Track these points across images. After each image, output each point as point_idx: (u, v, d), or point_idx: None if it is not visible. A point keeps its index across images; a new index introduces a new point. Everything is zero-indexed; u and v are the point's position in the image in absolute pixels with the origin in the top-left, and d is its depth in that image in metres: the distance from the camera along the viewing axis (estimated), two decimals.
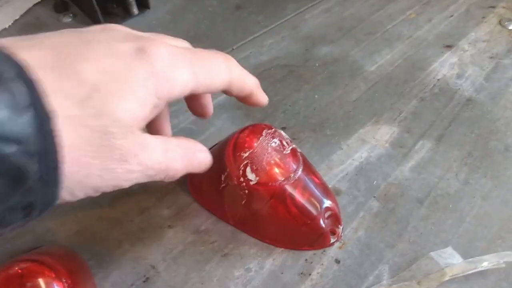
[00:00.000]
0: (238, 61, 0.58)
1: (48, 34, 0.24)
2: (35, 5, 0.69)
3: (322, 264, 0.38)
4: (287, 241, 0.39)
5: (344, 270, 0.38)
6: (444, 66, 0.56)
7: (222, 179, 0.38)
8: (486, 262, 0.37)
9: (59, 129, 0.20)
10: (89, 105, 0.22)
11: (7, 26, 0.65)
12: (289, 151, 0.38)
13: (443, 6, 0.67)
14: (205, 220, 0.41)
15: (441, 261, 0.37)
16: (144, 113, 0.25)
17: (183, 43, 0.32)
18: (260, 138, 0.38)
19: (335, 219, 0.40)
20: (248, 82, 0.33)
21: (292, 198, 0.37)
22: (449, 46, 0.59)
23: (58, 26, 0.65)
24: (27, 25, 0.66)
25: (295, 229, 0.39)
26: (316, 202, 0.39)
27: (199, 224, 0.41)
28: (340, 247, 0.39)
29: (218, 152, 0.40)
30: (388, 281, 0.37)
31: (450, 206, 0.42)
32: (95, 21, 0.63)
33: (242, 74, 0.33)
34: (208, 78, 0.29)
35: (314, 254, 0.39)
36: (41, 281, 0.31)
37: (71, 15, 0.66)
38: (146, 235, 0.40)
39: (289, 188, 0.37)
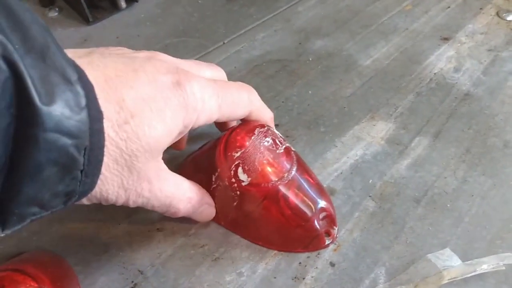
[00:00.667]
0: (230, 56, 0.57)
1: (101, 53, 0.27)
2: None
3: (316, 267, 0.37)
4: (280, 244, 0.38)
5: (339, 274, 0.36)
6: (441, 60, 0.55)
7: (213, 179, 0.37)
8: (486, 265, 0.36)
9: (105, 130, 0.24)
10: (124, 129, 0.25)
11: None
12: (282, 150, 0.37)
13: None
14: (195, 223, 0.39)
15: (439, 263, 0.36)
16: (169, 140, 0.29)
17: (218, 73, 0.38)
18: (252, 137, 0.36)
19: (330, 220, 0.38)
20: (265, 115, 0.38)
21: (286, 199, 0.36)
22: (446, 39, 0.58)
23: (44, 20, 0.63)
24: None
25: (288, 231, 0.37)
26: (310, 203, 0.37)
27: (189, 227, 0.39)
28: (335, 250, 0.38)
29: (208, 151, 0.39)
30: (384, 285, 0.35)
31: (448, 205, 0.41)
32: (82, 15, 0.61)
33: (262, 106, 0.37)
34: (231, 109, 0.33)
35: (308, 257, 0.37)
36: None
37: (57, 9, 0.64)
38: (134, 239, 0.39)
39: (282, 189, 0.36)
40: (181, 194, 0.33)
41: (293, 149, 0.38)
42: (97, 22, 0.62)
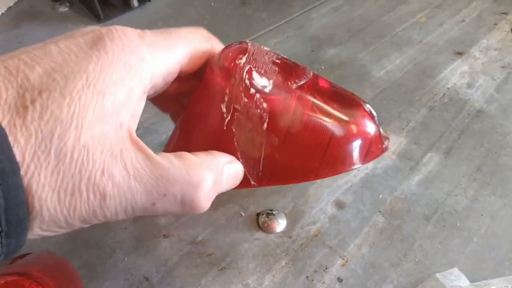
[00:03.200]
0: None
1: (13, 53, 0.22)
2: None
3: (323, 282, 0.36)
4: (335, 161, 0.29)
5: None
6: (455, 74, 0.55)
7: (224, 110, 0.27)
8: (494, 287, 0.36)
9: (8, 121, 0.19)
10: (31, 108, 0.19)
11: (0, 13, 0.62)
12: (285, 56, 0.30)
13: (455, 10, 0.65)
14: (202, 230, 0.39)
15: (447, 283, 0.36)
16: (113, 108, 0.22)
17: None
18: (249, 44, 0.29)
19: (372, 117, 0.30)
20: None
21: (323, 92, 0.28)
22: (460, 53, 0.58)
23: (53, 15, 0.63)
24: (22, 13, 0.63)
25: (342, 138, 0.28)
26: (350, 94, 0.29)
27: (195, 234, 0.39)
28: (342, 265, 0.37)
29: (196, 96, 0.30)
30: None
31: (458, 224, 0.40)
32: (93, 12, 0.61)
33: (220, 43, 0.30)
34: (187, 47, 0.26)
35: (316, 271, 0.37)
36: None
37: (67, 4, 0.64)
38: (140, 244, 0.38)
39: (313, 83, 0.28)
40: (176, 167, 0.24)
41: None
42: (108, 20, 0.61)
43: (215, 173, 0.25)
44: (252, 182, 0.29)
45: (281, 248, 0.38)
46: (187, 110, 0.31)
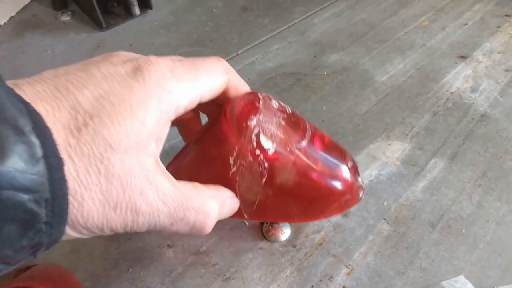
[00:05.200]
0: (244, 67, 0.56)
1: (55, 71, 0.24)
2: (32, 1, 0.66)
3: None
4: (317, 211, 0.35)
5: None
6: (458, 79, 0.54)
7: (231, 162, 0.31)
8: None
9: (66, 174, 0.21)
10: (85, 132, 0.22)
11: (2, 23, 0.62)
12: (290, 110, 0.34)
13: (457, 13, 0.65)
14: (206, 240, 0.39)
15: None
16: (147, 134, 0.25)
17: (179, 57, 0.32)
18: (260, 102, 0.32)
19: (355, 170, 0.36)
20: (243, 82, 0.34)
21: (316, 157, 0.33)
22: (463, 57, 0.57)
23: (56, 24, 0.63)
24: (24, 22, 0.63)
25: (326, 192, 0.34)
26: (339, 155, 0.35)
27: (199, 244, 0.39)
28: (348, 274, 0.37)
29: (207, 141, 0.34)
30: None
31: (463, 231, 0.40)
32: (95, 20, 0.61)
33: (237, 75, 0.33)
34: (209, 81, 0.29)
35: (321, 280, 0.37)
36: None
37: (69, 13, 0.64)
38: (144, 255, 0.38)
39: (309, 146, 0.32)
40: (196, 198, 0.28)
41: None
42: (110, 28, 0.61)
43: (220, 205, 0.31)
44: (245, 216, 0.34)
45: (285, 257, 0.38)
46: (200, 145, 0.35)
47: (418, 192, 0.43)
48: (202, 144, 0.34)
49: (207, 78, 0.29)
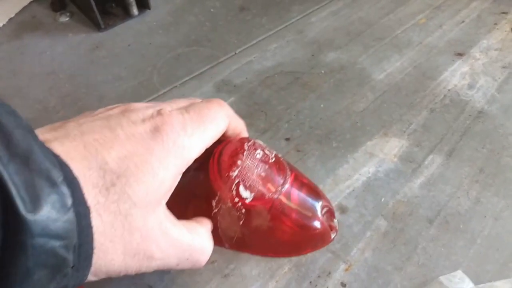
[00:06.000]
0: (242, 67, 0.57)
1: (76, 121, 0.27)
2: (31, 2, 0.67)
3: (327, 287, 0.36)
4: (290, 250, 0.39)
5: None
6: (455, 76, 0.54)
7: (213, 204, 0.36)
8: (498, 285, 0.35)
9: (93, 222, 0.23)
10: (112, 191, 0.24)
11: (1, 24, 0.63)
12: (274, 159, 0.37)
13: (454, 11, 0.65)
14: None
15: (451, 286, 0.36)
16: (165, 190, 0.28)
17: (187, 102, 0.34)
18: (244, 153, 0.36)
19: (330, 214, 0.40)
20: (240, 123, 0.37)
21: (290, 206, 0.37)
22: (460, 54, 0.57)
23: (54, 26, 0.63)
24: (23, 23, 0.63)
25: (297, 235, 0.38)
26: (312, 203, 0.38)
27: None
28: (346, 269, 0.37)
29: (198, 177, 0.38)
30: None
31: (461, 226, 0.40)
32: (94, 21, 0.61)
33: (235, 117, 0.36)
34: (214, 131, 0.32)
35: (319, 276, 0.37)
36: None
37: (68, 14, 0.64)
38: None
39: (285, 196, 0.36)
40: (197, 240, 0.32)
41: (280, 155, 0.39)
42: (109, 28, 0.62)
43: (211, 240, 0.34)
44: (226, 246, 0.38)
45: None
46: (190, 180, 0.38)
47: (416, 188, 0.43)
48: (192, 180, 0.38)
49: (212, 129, 0.32)
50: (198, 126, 0.30)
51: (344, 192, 0.43)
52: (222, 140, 0.36)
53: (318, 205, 0.38)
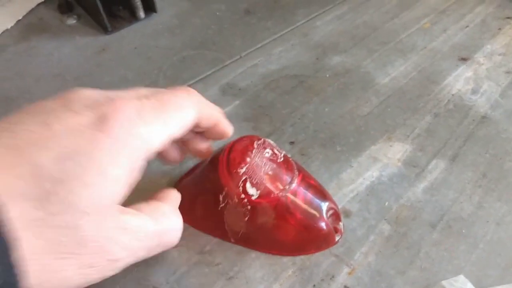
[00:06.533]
0: (246, 70, 0.57)
1: (6, 121, 0.22)
2: (38, 5, 0.67)
3: None
4: (294, 249, 0.39)
5: None
6: (459, 81, 0.55)
7: (221, 199, 0.37)
8: None
9: (24, 245, 0.19)
10: (54, 201, 0.20)
11: (9, 27, 0.63)
12: (282, 159, 0.38)
13: (459, 16, 0.66)
14: (210, 240, 0.40)
15: None
16: (120, 189, 0.23)
17: (150, 90, 0.29)
18: (253, 151, 0.37)
19: (335, 217, 0.40)
20: (215, 112, 0.33)
21: (295, 205, 0.37)
22: (464, 59, 0.58)
23: (62, 28, 0.64)
24: (30, 26, 0.64)
25: (301, 234, 0.38)
26: (317, 204, 0.39)
27: (204, 244, 0.40)
28: (349, 273, 0.38)
29: (208, 173, 0.39)
30: None
31: (463, 231, 0.40)
32: (100, 24, 0.62)
33: (208, 105, 0.32)
34: (180, 119, 0.28)
35: (323, 280, 0.37)
36: None
37: (75, 16, 0.65)
38: None
39: (291, 196, 0.37)
40: (163, 223, 0.28)
41: (289, 155, 0.40)
42: (115, 31, 0.62)
43: (178, 213, 0.31)
44: (232, 241, 0.39)
45: (288, 257, 0.39)
46: (199, 174, 0.41)
47: (419, 193, 0.43)
48: (202, 174, 0.40)
49: (177, 116, 0.27)
50: (158, 112, 0.26)
51: (347, 196, 0.43)
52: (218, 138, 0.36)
53: (324, 207, 0.39)
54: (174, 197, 0.32)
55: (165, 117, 0.26)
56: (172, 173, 0.45)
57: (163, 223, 0.28)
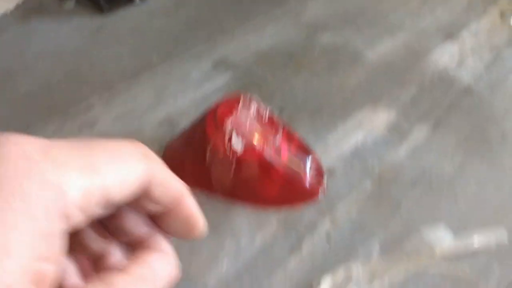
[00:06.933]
0: (238, 46, 0.59)
1: None
2: None
3: (312, 238, 0.38)
4: (279, 202, 0.40)
5: (334, 247, 0.37)
6: (445, 56, 0.56)
7: (207, 153, 0.38)
8: (477, 239, 0.37)
9: None
10: None
11: (9, 10, 0.65)
12: (267, 116, 0.40)
13: None
14: (198, 195, 0.41)
15: (430, 236, 0.37)
16: (29, 271, 0.15)
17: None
18: (239, 106, 0.39)
19: (318, 172, 0.42)
20: (175, 181, 0.20)
21: (280, 160, 0.39)
22: (450, 37, 0.59)
23: (60, 11, 0.66)
24: (30, 9, 0.66)
25: (285, 188, 0.40)
26: (301, 160, 0.41)
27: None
28: (331, 224, 0.39)
29: (195, 129, 0.41)
30: (377, 258, 0.36)
31: (444, 189, 0.42)
32: (98, 7, 0.64)
33: (165, 169, 0.20)
34: (116, 168, 0.18)
35: (305, 229, 0.38)
36: None
37: (73, 0, 0.67)
38: None
39: (275, 151, 0.38)
40: None
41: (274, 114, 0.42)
42: (111, 13, 0.64)
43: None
44: (219, 195, 0.40)
45: (272, 210, 0.40)
46: (188, 131, 0.42)
47: (402, 155, 0.44)
48: (191, 132, 0.42)
49: (113, 162, 0.18)
50: (83, 155, 0.17)
51: (332, 157, 0.44)
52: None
53: (307, 161, 0.41)
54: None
55: (92, 161, 0.17)
56: (163, 139, 0.46)
57: None
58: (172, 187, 0.20)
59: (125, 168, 0.18)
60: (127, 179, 0.18)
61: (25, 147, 0.16)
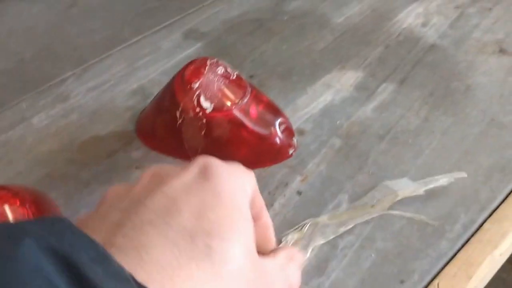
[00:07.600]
0: (209, 16, 0.60)
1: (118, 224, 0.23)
2: None
3: (284, 195, 0.39)
4: (250, 161, 0.40)
5: (305, 201, 0.39)
6: (410, 16, 0.57)
7: (177, 115, 0.39)
8: (440, 181, 0.38)
9: None
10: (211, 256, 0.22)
11: None
12: (235, 76, 0.41)
13: None
14: (173, 159, 0.42)
15: (396, 187, 0.38)
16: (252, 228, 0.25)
17: None
18: (206, 68, 0.39)
19: (288, 132, 0.43)
20: (262, 202, 0.31)
21: (249, 119, 0.40)
22: None
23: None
24: None
25: (255, 147, 0.41)
26: (271, 118, 0.42)
27: (168, 162, 0.42)
28: (302, 180, 0.40)
29: (164, 95, 0.41)
30: (345, 209, 0.38)
31: (410, 141, 0.43)
32: None
33: (259, 192, 0.31)
34: (250, 180, 0.29)
35: (277, 187, 0.40)
36: (4, 207, 0.32)
37: None
38: (113, 176, 0.41)
39: (244, 110, 0.39)
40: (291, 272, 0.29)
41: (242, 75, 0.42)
42: None
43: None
44: (192, 159, 0.39)
45: None
46: (158, 96, 0.43)
47: (369, 112, 0.46)
48: (161, 96, 0.42)
49: (246, 177, 0.29)
50: (232, 169, 0.28)
51: (302, 118, 0.46)
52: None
53: (276, 121, 0.42)
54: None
55: (238, 175, 0.28)
56: (136, 107, 0.47)
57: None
58: (258, 205, 0.29)
59: (249, 181, 0.29)
60: (251, 190, 0.29)
61: (220, 171, 0.27)
